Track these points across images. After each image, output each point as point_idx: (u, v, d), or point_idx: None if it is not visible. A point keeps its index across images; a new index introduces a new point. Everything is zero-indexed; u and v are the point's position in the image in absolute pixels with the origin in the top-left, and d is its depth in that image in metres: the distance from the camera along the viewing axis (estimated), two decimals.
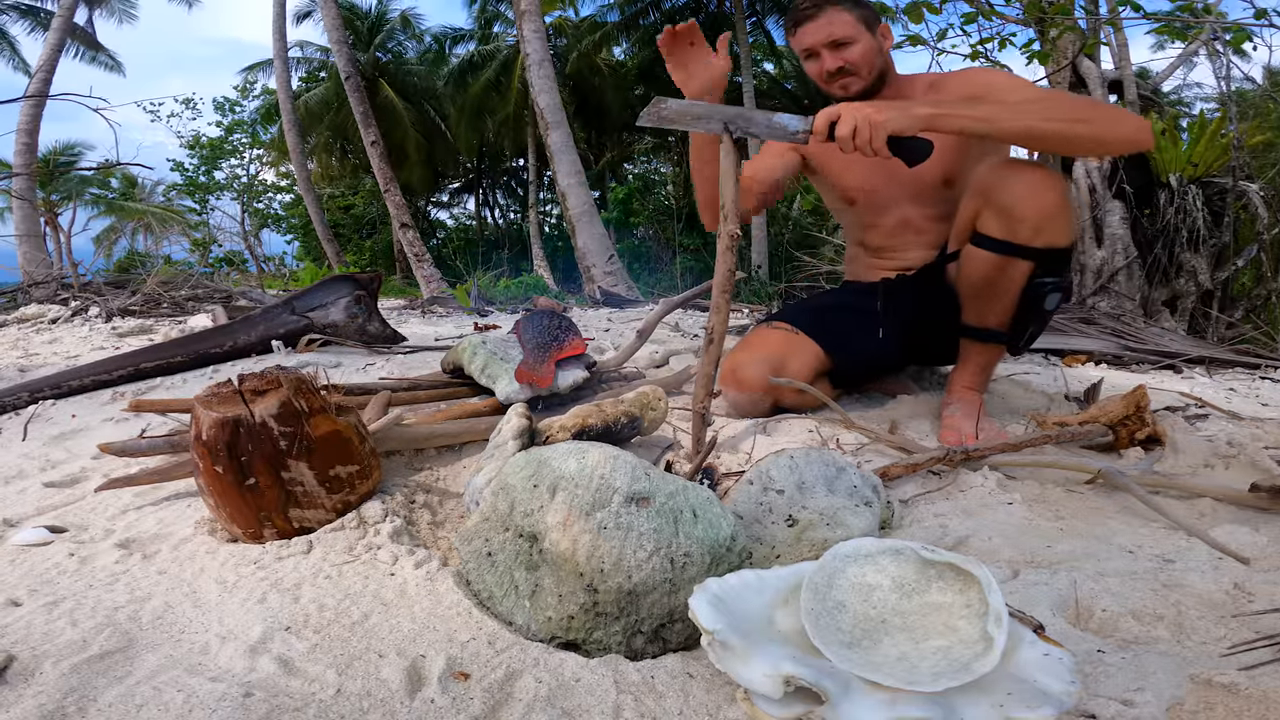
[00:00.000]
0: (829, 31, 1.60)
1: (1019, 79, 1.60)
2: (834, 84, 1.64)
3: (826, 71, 1.62)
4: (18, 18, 16.11)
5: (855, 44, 1.61)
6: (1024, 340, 1.60)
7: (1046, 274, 1.48)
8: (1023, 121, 1.35)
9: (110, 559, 0.97)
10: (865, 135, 1.30)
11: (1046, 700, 0.55)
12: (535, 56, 7.64)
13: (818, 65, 1.64)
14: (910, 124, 1.31)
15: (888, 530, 1.09)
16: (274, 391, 1.01)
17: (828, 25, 1.60)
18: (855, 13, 1.61)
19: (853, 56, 1.61)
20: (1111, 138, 1.36)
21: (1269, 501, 1.14)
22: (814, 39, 1.62)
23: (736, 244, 1.35)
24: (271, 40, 12.99)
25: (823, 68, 1.63)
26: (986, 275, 1.50)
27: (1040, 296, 1.50)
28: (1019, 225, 1.43)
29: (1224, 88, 5.97)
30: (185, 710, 0.66)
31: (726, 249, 1.35)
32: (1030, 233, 1.43)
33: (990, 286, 1.51)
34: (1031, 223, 1.42)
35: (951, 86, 1.63)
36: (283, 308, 2.46)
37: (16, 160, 8.02)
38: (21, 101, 8.05)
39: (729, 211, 1.34)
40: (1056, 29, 4.31)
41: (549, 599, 0.79)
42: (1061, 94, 1.48)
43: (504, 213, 24.75)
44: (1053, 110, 1.38)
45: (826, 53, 1.61)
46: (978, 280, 1.52)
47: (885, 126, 1.29)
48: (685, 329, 3.39)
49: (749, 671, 0.58)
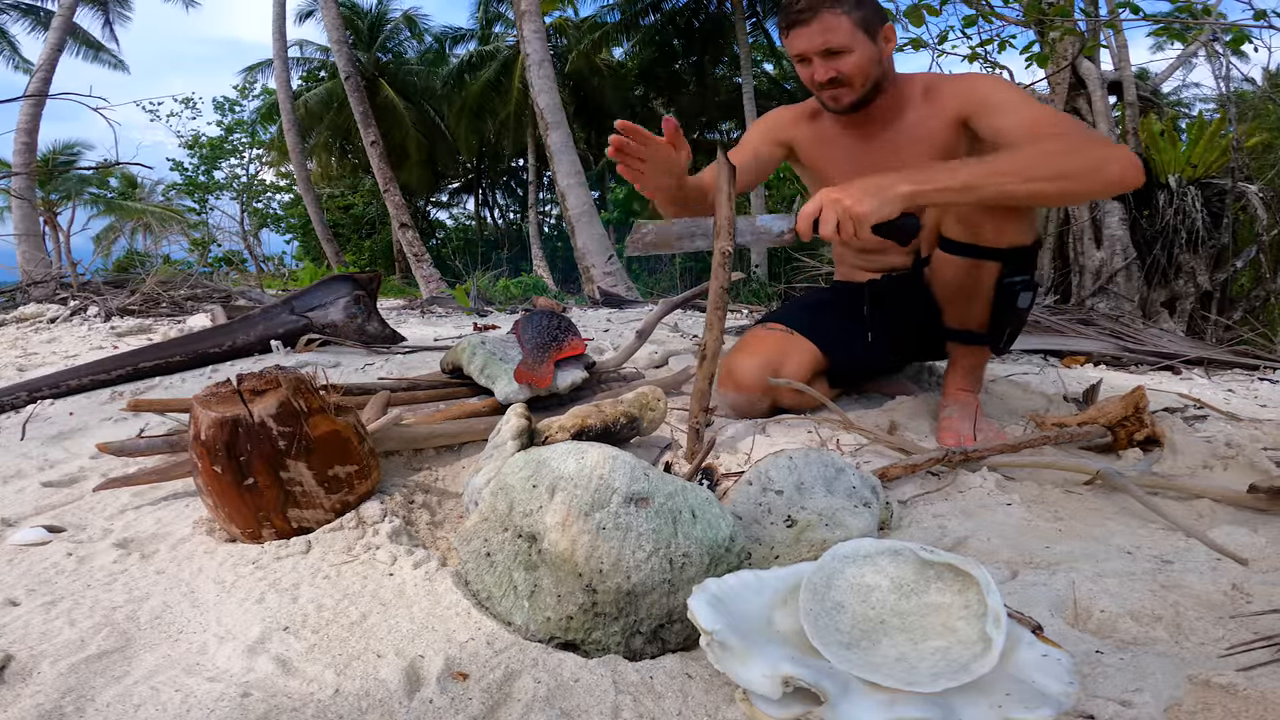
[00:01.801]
0: (823, 39, 1.49)
1: (1015, 92, 1.50)
2: (824, 94, 1.57)
3: (817, 81, 1.55)
4: (18, 17, 16.11)
5: (851, 53, 1.51)
6: (1004, 341, 1.60)
7: (1015, 273, 1.48)
8: (1004, 187, 1.28)
9: (108, 559, 0.97)
10: (849, 230, 1.26)
11: (1045, 701, 0.55)
12: (535, 57, 7.64)
13: (809, 71, 1.55)
14: (893, 209, 1.26)
15: (887, 531, 1.09)
16: (273, 391, 1.01)
17: (822, 32, 1.49)
18: (854, 16, 1.49)
19: (846, 67, 1.51)
20: (1099, 188, 1.32)
21: (1267, 502, 1.14)
22: (806, 45, 1.52)
23: (729, 260, 1.33)
24: (271, 40, 12.99)
25: (813, 76, 1.55)
26: (957, 278, 1.51)
27: (1012, 295, 1.50)
28: (979, 228, 1.43)
29: (1223, 89, 5.98)
30: (183, 710, 0.66)
31: (720, 265, 1.33)
32: (993, 234, 1.42)
33: (962, 289, 1.51)
34: (991, 224, 1.41)
35: (947, 94, 1.58)
36: (282, 308, 2.46)
37: (16, 159, 8.01)
38: (21, 101, 8.05)
39: (722, 228, 1.32)
40: (1056, 31, 4.31)
41: (548, 599, 0.79)
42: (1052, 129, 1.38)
43: (503, 213, 24.76)
44: (1036, 168, 1.28)
45: (819, 60, 1.52)
46: (950, 284, 1.53)
47: (867, 220, 1.24)
48: (684, 329, 3.39)
49: (748, 672, 0.58)
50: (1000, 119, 1.45)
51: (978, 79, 1.58)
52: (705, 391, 1.37)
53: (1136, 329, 3.59)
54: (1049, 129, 1.36)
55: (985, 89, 1.53)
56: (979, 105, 1.50)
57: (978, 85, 1.56)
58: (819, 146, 1.73)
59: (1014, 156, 1.30)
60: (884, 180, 1.28)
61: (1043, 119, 1.40)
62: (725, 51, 18.62)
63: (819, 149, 1.73)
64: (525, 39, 7.71)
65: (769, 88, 19.78)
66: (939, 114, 1.58)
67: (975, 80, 1.58)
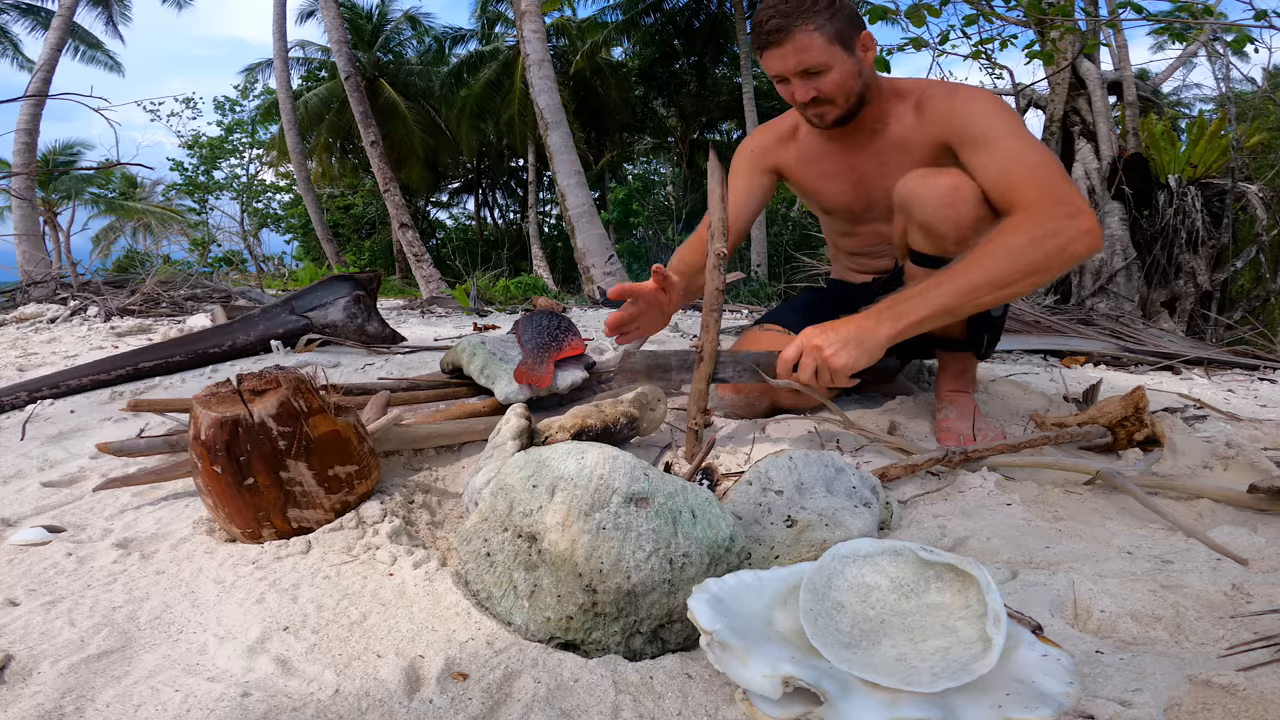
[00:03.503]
0: (798, 60, 1.42)
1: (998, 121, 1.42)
2: (807, 112, 1.52)
3: (799, 101, 1.49)
4: (18, 17, 16.12)
5: (829, 71, 1.44)
6: (985, 346, 1.62)
7: None
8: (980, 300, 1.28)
9: (108, 559, 0.97)
10: (826, 379, 1.26)
11: (1045, 701, 0.55)
12: (535, 57, 7.64)
13: (789, 90, 1.49)
14: (873, 357, 1.26)
15: (887, 531, 1.09)
16: (273, 391, 1.01)
17: (796, 52, 1.42)
18: (829, 30, 1.41)
19: (826, 87, 1.45)
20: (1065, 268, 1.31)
21: (1267, 502, 1.14)
22: (781, 66, 1.45)
23: (725, 263, 1.33)
24: (272, 40, 13.00)
25: (794, 95, 1.49)
26: None
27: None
28: (942, 240, 1.41)
29: (1223, 89, 5.98)
30: (183, 710, 0.66)
31: (714, 267, 1.33)
32: (955, 245, 1.39)
33: None
34: (952, 236, 1.39)
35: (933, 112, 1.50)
36: (282, 308, 2.46)
37: (16, 159, 8.01)
38: (21, 101, 8.05)
39: (716, 230, 1.32)
40: (1057, 30, 4.31)
41: (548, 599, 0.79)
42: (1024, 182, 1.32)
43: (503, 213, 24.76)
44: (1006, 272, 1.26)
45: (797, 81, 1.46)
46: None
47: (845, 372, 1.24)
48: (684, 329, 3.40)
49: (748, 672, 0.58)
50: (977, 157, 1.41)
51: (964, 100, 1.49)
52: (703, 393, 1.37)
53: (1136, 329, 3.59)
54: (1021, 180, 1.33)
55: (967, 118, 1.45)
56: (958, 135, 1.45)
57: (960, 111, 1.47)
58: (805, 165, 1.70)
59: (982, 266, 1.27)
60: (863, 327, 1.27)
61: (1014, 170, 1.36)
62: (725, 51, 18.64)
63: (806, 167, 1.70)
64: (525, 39, 7.71)
65: (769, 88, 19.76)
66: (924, 130, 1.53)
67: (960, 103, 1.48)
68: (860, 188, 1.65)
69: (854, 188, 1.65)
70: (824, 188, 1.69)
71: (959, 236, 1.38)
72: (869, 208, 1.67)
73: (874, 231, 1.72)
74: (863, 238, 1.76)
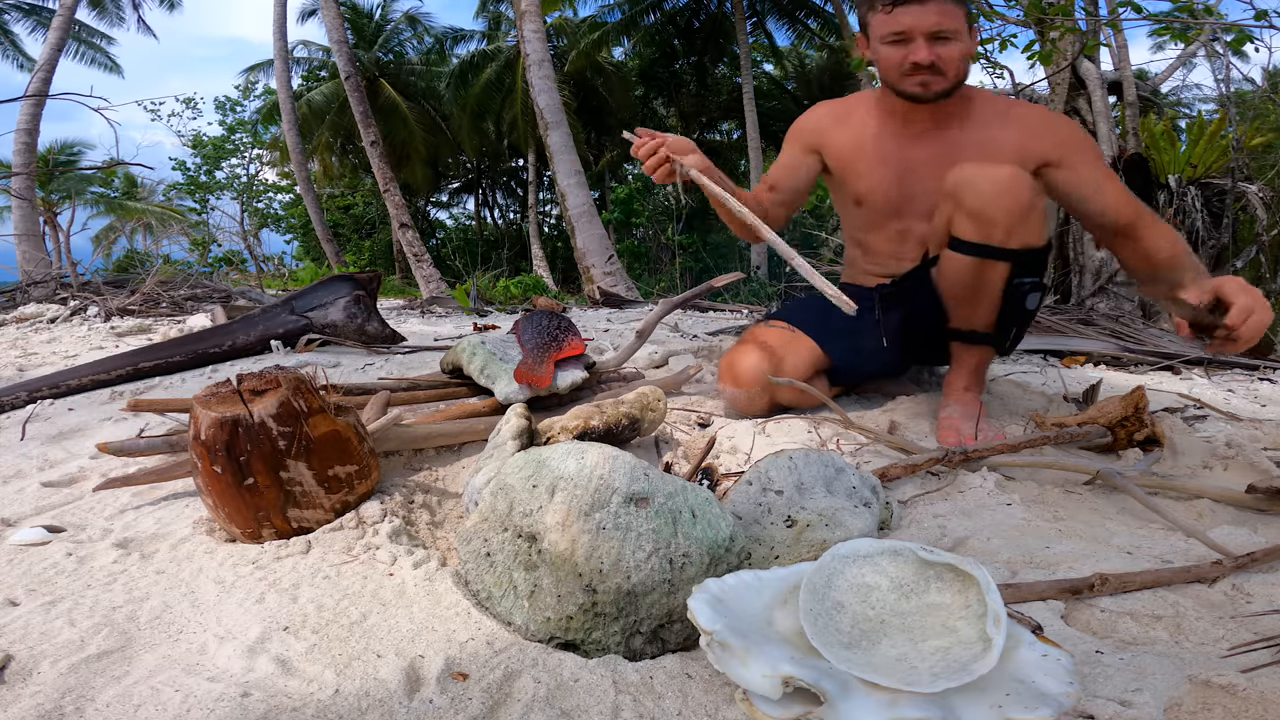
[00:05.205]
0: (938, 20, 1.42)
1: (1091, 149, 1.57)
2: (914, 77, 1.49)
3: (913, 62, 1.46)
4: (20, 17, 16.12)
5: (956, 42, 1.46)
6: (1009, 341, 1.60)
7: (1024, 274, 1.48)
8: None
9: (108, 559, 0.97)
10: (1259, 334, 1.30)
11: (1045, 701, 0.55)
12: (535, 56, 7.64)
13: (902, 53, 1.47)
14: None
15: (887, 531, 1.09)
16: (273, 391, 1.01)
17: (936, 12, 1.42)
18: (962, 7, 1.45)
19: (948, 55, 1.46)
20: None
21: (1267, 503, 1.14)
22: (915, 22, 1.43)
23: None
24: (272, 40, 13.00)
25: (909, 58, 1.46)
26: (966, 278, 1.50)
27: (1020, 296, 1.50)
28: (992, 227, 1.41)
29: (1223, 89, 5.98)
30: (183, 710, 0.66)
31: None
32: (1004, 234, 1.41)
33: (970, 289, 1.50)
34: (1003, 225, 1.40)
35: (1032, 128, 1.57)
36: (282, 307, 2.46)
37: (16, 159, 8.01)
38: (21, 101, 8.05)
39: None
40: (1057, 30, 4.31)
41: (548, 599, 0.79)
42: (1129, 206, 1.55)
43: (503, 213, 24.75)
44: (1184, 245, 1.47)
45: (924, 42, 1.44)
46: (958, 284, 1.52)
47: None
48: (685, 329, 3.39)
49: (748, 672, 0.58)
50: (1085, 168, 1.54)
51: (1064, 123, 1.60)
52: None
53: (1136, 329, 3.59)
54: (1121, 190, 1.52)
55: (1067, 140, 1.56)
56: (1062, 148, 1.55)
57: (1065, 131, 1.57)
58: (855, 149, 1.69)
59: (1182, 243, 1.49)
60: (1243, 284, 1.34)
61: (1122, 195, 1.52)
62: (725, 51, 18.64)
63: (855, 151, 1.69)
64: (525, 39, 7.72)
65: (769, 88, 19.78)
66: (1020, 140, 1.56)
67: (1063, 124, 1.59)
68: (905, 180, 1.65)
69: (898, 179, 1.65)
70: (866, 173, 1.68)
71: (1009, 224, 1.40)
72: (908, 201, 1.67)
73: (903, 230, 1.71)
74: (888, 236, 1.74)
